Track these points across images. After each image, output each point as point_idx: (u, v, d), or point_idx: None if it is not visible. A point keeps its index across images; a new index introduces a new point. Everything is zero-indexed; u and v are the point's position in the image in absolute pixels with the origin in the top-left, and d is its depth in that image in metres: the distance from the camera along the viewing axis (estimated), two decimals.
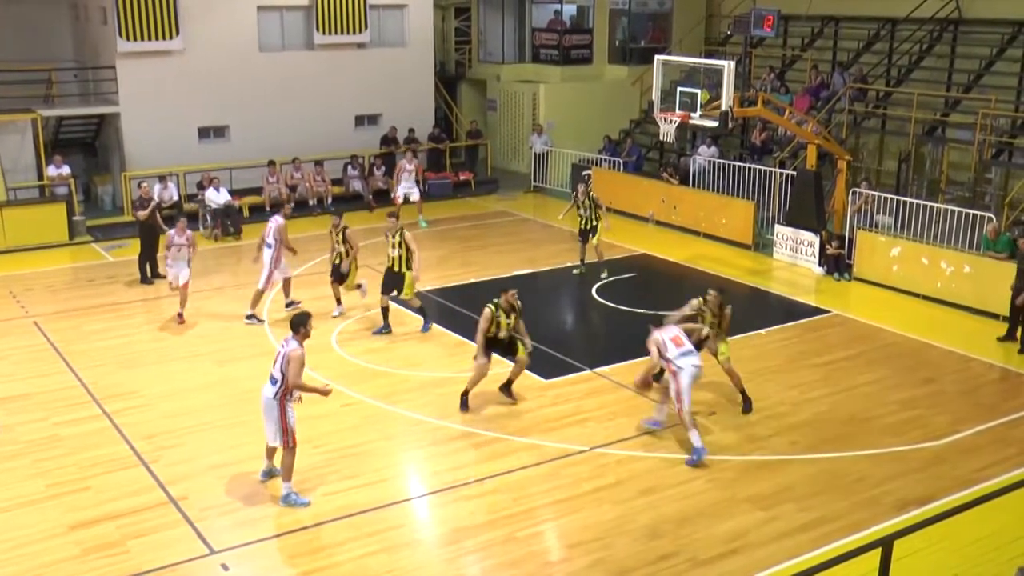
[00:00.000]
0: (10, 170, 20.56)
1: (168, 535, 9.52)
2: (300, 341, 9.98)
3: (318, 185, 23.18)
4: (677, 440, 11.50)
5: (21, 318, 15.80)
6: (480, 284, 17.46)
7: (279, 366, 9.86)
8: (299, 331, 10.01)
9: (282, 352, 9.92)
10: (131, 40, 21.78)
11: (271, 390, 9.91)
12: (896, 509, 9.95)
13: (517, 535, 9.57)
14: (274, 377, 9.91)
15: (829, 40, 25.19)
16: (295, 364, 9.76)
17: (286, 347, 9.92)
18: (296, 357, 9.79)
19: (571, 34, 27.57)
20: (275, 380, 9.89)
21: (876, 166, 21.77)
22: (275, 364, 9.95)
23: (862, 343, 14.77)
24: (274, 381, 9.90)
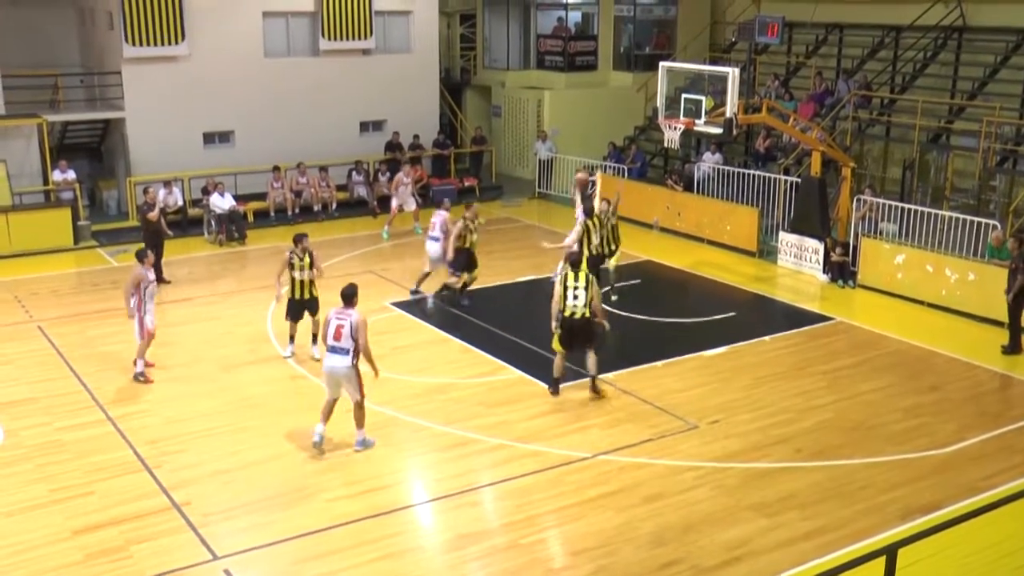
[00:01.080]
0: (16, 175, 20.60)
1: (171, 540, 9.52)
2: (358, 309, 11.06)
3: (323, 191, 23.21)
4: (681, 448, 11.48)
5: (26, 323, 15.82)
6: (485, 290, 17.44)
7: (348, 334, 10.78)
8: (354, 301, 11.11)
9: (348, 321, 10.84)
10: (137, 45, 21.84)
11: (344, 360, 10.87)
12: (901, 517, 9.92)
13: (520, 542, 9.55)
14: (343, 348, 10.84)
15: (833, 47, 25.20)
16: (365, 328, 10.93)
17: (351, 316, 10.88)
18: (364, 322, 10.96)
19: (576, 41, 27.61)
20: (345, 351, 10.84)
21: (880, 173, 21.76)
22: (339, 336, 10.84)
23: (867, 350, 14.74)
24: (344, 352, 10.84)
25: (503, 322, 15.70)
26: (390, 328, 15.55)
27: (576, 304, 12.26)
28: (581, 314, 12.28)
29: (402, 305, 16.56)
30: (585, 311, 12.26)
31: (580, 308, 12.26)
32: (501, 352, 14.40)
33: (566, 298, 12.20)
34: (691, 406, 12.59)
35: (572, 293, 12.24)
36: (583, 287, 12.22)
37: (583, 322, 12.33)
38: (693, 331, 15.73)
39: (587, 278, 12.27)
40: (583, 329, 12.39)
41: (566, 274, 12.36)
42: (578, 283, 12.28)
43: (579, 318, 12.30)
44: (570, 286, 12.27)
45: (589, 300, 12.24)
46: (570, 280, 12.31)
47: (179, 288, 17.88)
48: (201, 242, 21.01)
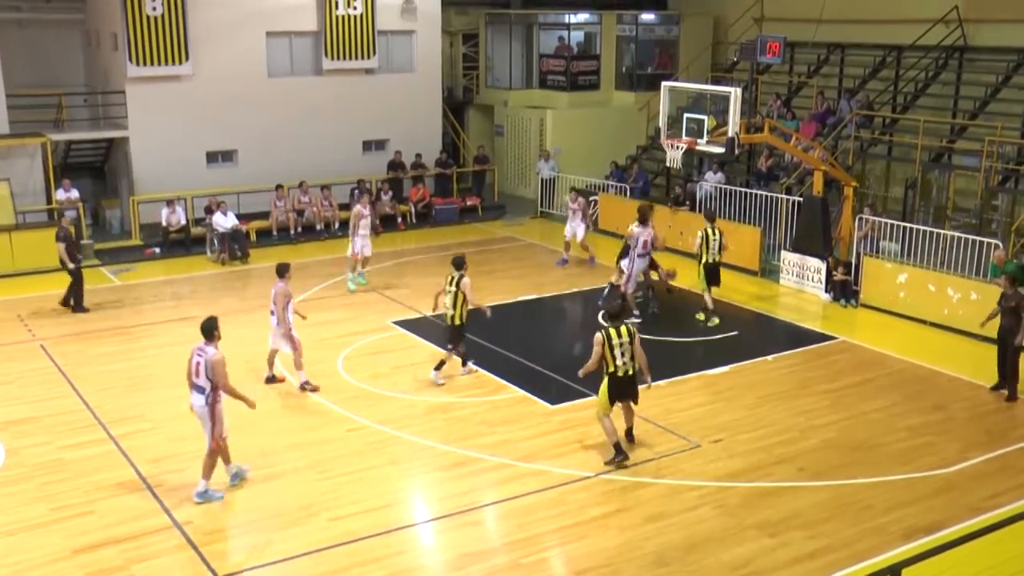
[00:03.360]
0: (19, 194, 20.67)
1: (172, 559, 9.48)
2: (216, 345, 10.55)
3: (325, 210, 23.25)
4: (684, 467, 11.45)
5: (28, 341, 15.83)
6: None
7: (204, 372, 10.33)
8: (213, 335, 10.55)
9: (203, 358, 10.38)
10: (141, 65, 21.98)
11: (199, 399, 10.44)
12: (905, 537, 9.87)
13: (522, 561, 9.50)
14: (200, 386, 10.42)
15: (835, 67, 25.29)
16: (222, 367, 10.39)
17: (206, 354, 10.41)
18: (222, 360, 10.40)
19: (578, 60, 27.73)
20: (202, 389, 10.41)
21: (882, 192, 21.79)
22: (198, 373, 10.40)
23: (870, 369, 14.71)
24: (200, 390, 10.42)
25: (505, 341, 15.68)
26: (392, 347, 15.55)
27: (625, 360, 11.32)
28: (630, 371, 11.39)
29: (404, 324, 16.57)
30: (633, 366, 11.39)
31: (629, 363, 11.35)
32: (503, 371, 14.38)
33: (614, 357, 11.24)
34: (694, 425, 12.56)
35: (619, 351, 11.27)
36: (628, 341, 11.32)
37: (631, 379, 11.48)
38: (696, 350, 15.71)
39: (630, 332, 11.35)
40: (631, 385, 11.55)
41: (608, 331, 11.29)
42: (622, 338, 11.31)
43: (630, 375, 11.41)
44: (615, 343, 11.25)
45: (635, 354, 11.39)
46: (614, 337, 11.28)
47: (181, 307, 17.88)
48: (204, 261, 21.03)
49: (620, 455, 11.30)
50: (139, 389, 13.83)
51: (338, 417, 12.84)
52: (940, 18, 22.58)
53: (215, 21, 22.90)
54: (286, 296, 13.42)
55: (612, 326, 11.32)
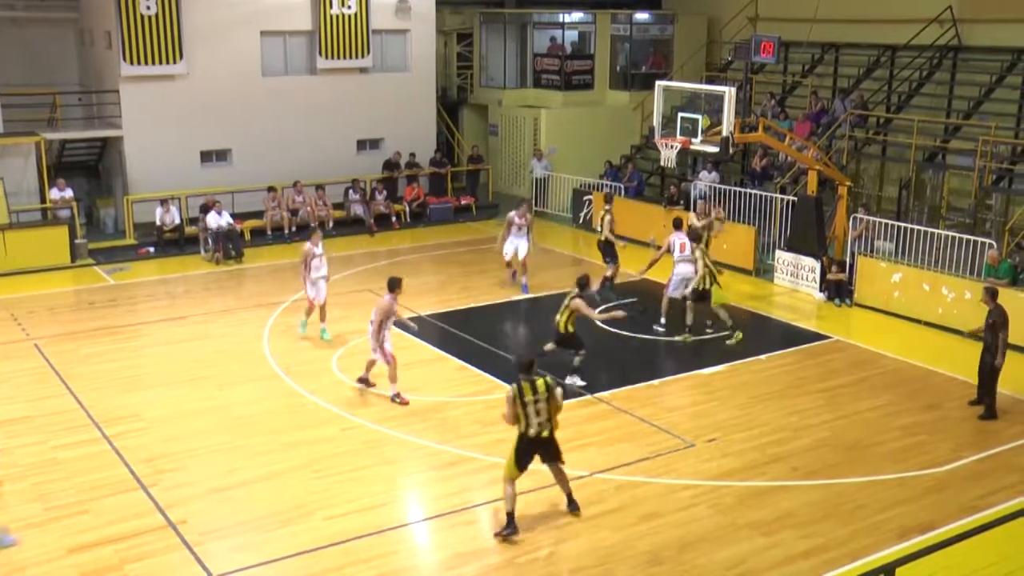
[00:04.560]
0: (13, 193, 20.62)
1: (167, 559, 9.47)
2: None
3: (319, 209, 23.22)
4: (678, 466, 11.47)
5: (22, 341, 15.79)
6: (480, 309, 17.46)
7: None
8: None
9: None
10: (135, 64, 21.94)
11: None
12: (898, 536, 9.89)
13: (517, 560, 9.51)
14: None
15: (829, 67, 25.34)
16: None
17: None
18: None
19: (572, 60, 27.73)
20: None
21: (877, 192, 21.83)
22: None
23: (864, 369, 14.74)
24: None
25: (499, 340, 15.69)
26: None
27: (540, 421, 9.77)
28: (545, 432, 9.85)
29: (398, 324, 16.52)
30: (549, 426, 9.86)
31: (545, 424, 9.82)
32: (497, 370, 14.38)
33: (526, 416, 9.71)
34: (688, 425, 12.58)
35: (532, 409, 9.71)
36: (543, 398, 9.73)
37: (547, 440, 9.92)
38: (690, 350, 15.72)
39: (547, 387, 9.75)
40: (547, 447, 9.98)
41: (521, 385, 9.70)
42: (537, 394, 9.71)
43: (545, 436, 9.88)
44: (528, 400, 9.69)
45: (552, 414, 9.83)
46: (526, 392, 9.69)
47: (175, 306, 17.86)
48: (198, 260, 21.01)
49: (510, 528, 9.77)
50: (133, 388, 13.80)
51: (332, 416, 12.84)
52: (934, 18, 22.62)
53: (209, 20, 22.86)
54: (389, 312, 13.06)
55: (525, 380, 9.75)
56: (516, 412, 9.75)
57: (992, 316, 12.70)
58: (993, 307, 12.72)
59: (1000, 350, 12.64)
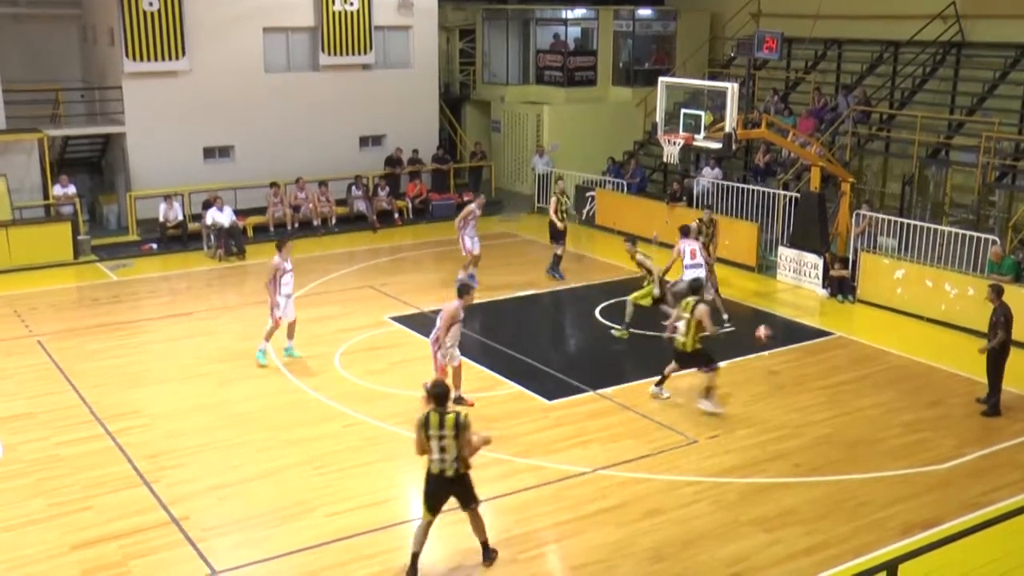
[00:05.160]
0: (16, 189, 20.65)
1: (170, 555, 9.49)
2: None
3: (322, 205, 23.24)
4: (681, 463, 11.46)
5: (25, 337, 15.81)
6: (482, 306, 17.44)
7: None
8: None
9: None
10: (138, 60, 21.94)
11: None
12: (901, 533, 9.89)
13: (519, 557, 9.51)
14: None
15: (832, 63, 25.29)
16: None
17: None
18: None
19: (575, 56, 27.71)
20: None
21: (880, 188, 21.79)
22: None
23: (866, 365, 14.73)
24: None
25: (501, 337, 15.70)
26: (388, 343, 15.55)
27: (445, 458, 8.83)
28: (449, 471, 8.87)
29: (401, 320, 16.57)
30: (456, 466, 8.87)
31: (450, 462, 8.83)
32: (499, 367, 14.39)
33: (431, 449, 8.86)
34: (690, 421, 12.57)
35: (435, 443, 8.81)
36: (450, 434, 8.76)
37: (453, 480, 8.94)
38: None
39: (457, 423, 8.75)
40: (453, 487, 9.01)
41: (428, 416, 8.85)
42: (443, 429, 8.76)
43: (449, 476, 8.90)
44: (433, 433, 8.79)
45: (461, 450, 8.82)
46: (432, 425, 8.79)
47: (178, 302, 17.88)
48: (200, 256, 21.02)
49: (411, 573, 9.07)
50: (136, 385, 13.82)
51: (335, 413, 12.85)
52: (937, 14, 22.57)
53: (212, 16, 22.86)
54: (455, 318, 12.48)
55: (435, 411, 8.84)
56: (422, 442, 8.90)
57: (997, 314, 12.63)
58: (998, 305, 12.66)
59: (999, 342, 12.61)
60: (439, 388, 9.04)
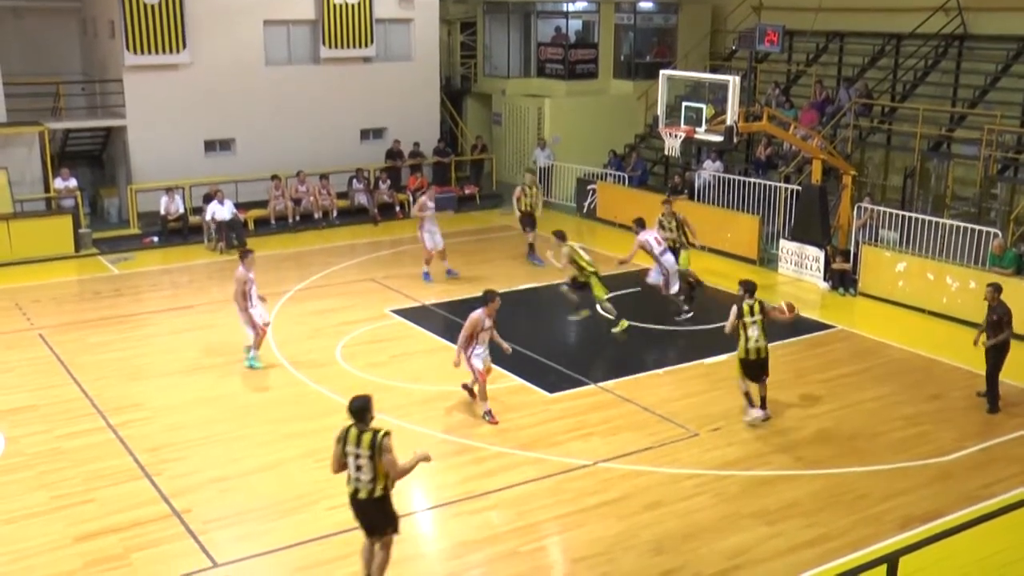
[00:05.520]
0: (17, 182, 20.64)
1: (171, 548, 9.51)
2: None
3: (323, 199, 23.23)
4: (682, 456, 11.48)
5: (27, 330, 15.83)
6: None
7: None
8: None
9: None
10: (138, 54, 21.91)
11: None
12: (901, 526, 9.90)
13: (520, 550, 9.53)
14: None
15: (834, 55, 25.23)
16: None
17: None
18: None
19: (576, 49, 27.66)
20: None
21: (881, 181, 21.78)
22: None
23: (867, 358, 14.73)
24: None
25: (503, 330, 15.64)
26: (390, 336, 15.56)
27: (360, 478, 8.11)
28: (363, 493, 8.15)
29: (402, 313, 16.58)
30: (371, 488, 8.11)
31: (364, 483, 8.10)
32: (502, 360, 14.35)
33: (348, 467, 8.18)
34: (691, 414, 12.58)
35: (353, 461, 8.11)
36: (366, 454, 8.05)
37: (367, 502, 8.19)
38: (693, 339, 15.72)
39: (373, 442, 8.01)
40: (371, 514, 8.29)
41: (348, 431, 8.18)
42: (360, 447, 8.05)
43: (362, 499, 8.18)
44: (350, 451, 8.11)
45: (378, 473, 8.06)
46: (350, 441, 8.12)
47: (179, 296, 17.89)
48: (201, 250, 21.02)
49: None
50: (137, 378, 13.84)
51: (336, 406, 12.81)
52: (939, 6, 22.52)
53: (212, 9, 22.82)
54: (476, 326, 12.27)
55: (355, 426, 8.16)
56: (339, 458, 8.23)
57: (998, 312, 12.50)
58: (998, 304, 12.53)
59: (1002, 340, 12.52)
60: (358, 402, 8.20)
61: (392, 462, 8.08)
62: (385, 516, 8.33)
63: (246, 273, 13.85)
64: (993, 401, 12.76)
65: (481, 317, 12.20)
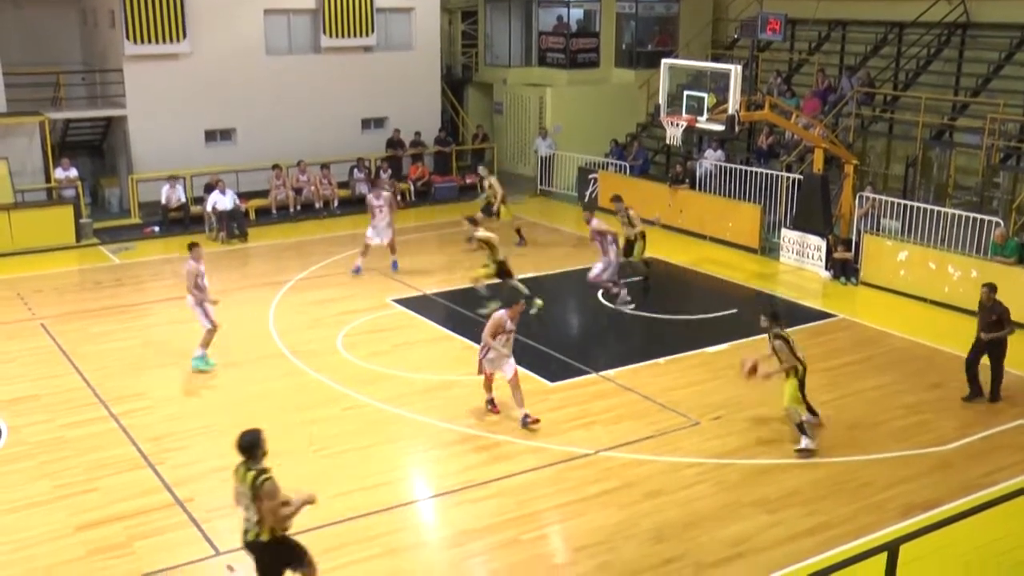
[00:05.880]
0: (18, 172, 20.63)
1: (174, 536, 9.54)
2: None
3: (324, 188, 23.21)
4: (683, 444, 11.49)
5: (28, 320, 15.84)
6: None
7: None
8: None
9: None
10: (138, 43, 21.87)
11: None
12: (902, 514, 9.92)
13: (522, 538, 9.55)
14: None
15: (836, 44, 25.14)
16: None
17: None
18: None
19: (578, 38, 27.59)
20: None
21: (883, 170, 21.73)
22: None
23: (869, 347, 14.73)
24: None
25: None
26: (392, 325, 15.57)
27: (248, 518, 7.47)
28: (250, 535, 7.49)
29: (404, 302, 16.58)
30: (257, 531, 7.45)
31: (251, 524, 7.47)
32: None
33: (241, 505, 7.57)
34: (693, 402, 12.59)
35: (240, 498, 7.56)
36: (248, 495, 7.42)
37: (258, 548, 7.52)
38: (695, 328, 15.73)
39: (254, 483, 7.35)
40: (261, 557, 7.57)
41: (238, 468, 7.62)
42: (244, 484, 7.47)
43: (249, 540, 7.52)
44: (239, 488, 7.56)
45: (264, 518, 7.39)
46: (236, 478, 7.56)
47: (180, 285, 17.82)
48: (202, 239, 20.97)
49: None
50: (139, 368, 13.85)
51: (338, 395, 12.88)
52: None
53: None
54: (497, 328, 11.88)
55: (242, 464, 7.58)
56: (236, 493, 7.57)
57: (995, 311, 12.38)
58: (995, 303, 12.40)
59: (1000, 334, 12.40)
60: (247, 437, 7.59)
61: (271, 510, 7.27)
62: (274, 561, 7.55)
63: (197, 266, 13.51)
64: (995, 391, 12.72)
65: (504, 318, 11.87)
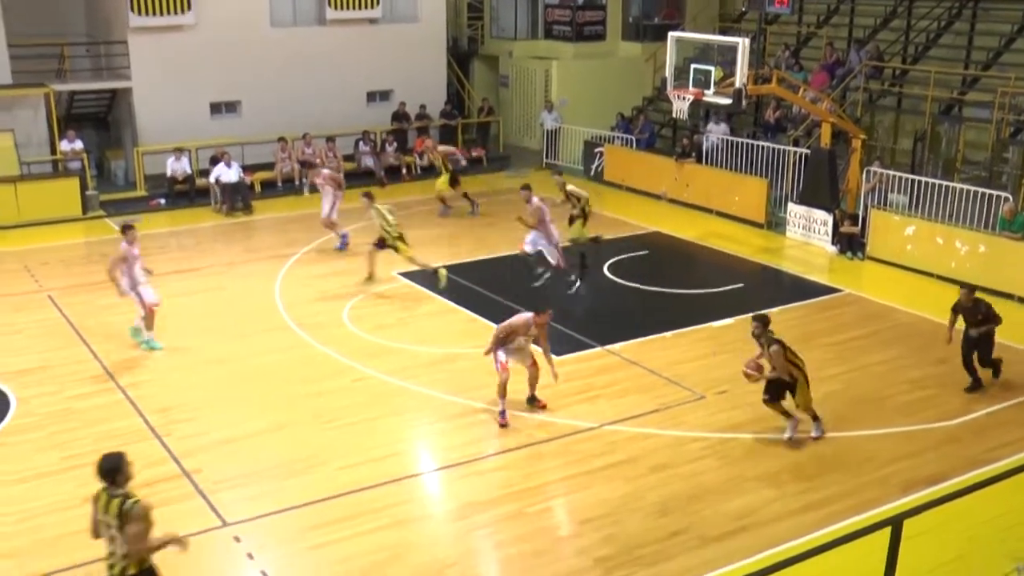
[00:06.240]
0: (23, 144, 20.60)
1: (181, 507, 9.59)
2: None
3: (330, 161, 23.14)
4: (688, 418, 11.51)
5: (35, 292, 15.88)
6: (492, 261, 17.46)
7: None
8: None
9: None
10: (143, 15, 21.76)
11: None
12: (905, 489, 9.94)
13: (527, 511, 9.60)
14: None
15: (845, 17, 24.93)
16: None
17: None
18: None
19: (584, 10, 27.39)
20: None
21: (891, 145, 21.60)
22: None
23: (875, 322, 14.72)
24: None
25: (509, 293, 15.69)
26: (397, 298, 15.58)
27: (113, 551, 6.90)
28: (118, 570, 6.85)
29: (409, 276, 16.57)
30: (123, 565, 6.83)
31: (117, 558, 6.85)
32: None
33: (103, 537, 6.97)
34: (698, 377, 12.61)
35: (107, 532, 6.92)
36: (115, 524, 6.79)
37: None
38: (701, 302, 15.72)
39: (120, 512, 6.76)
40: None
41: (97, 495, 7.02)
42: (108, 514, 6.84)
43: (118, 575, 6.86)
44: (101, 518, 6.93)
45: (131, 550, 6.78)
46: (99, 507, 6.95)
47: (187, 258, 17.90)
48: (208, 212, 21.01)
49: None
50: None
51: (343, 368, 12.91)
52: None
53: None
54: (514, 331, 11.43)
55: (106, 490, 6.95)
56: (95, 523, 6.98)
57: (980, 311, 12.22)
58: (974, 304, 12.24)
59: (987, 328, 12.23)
60: (108, 461, 6.98)
61: (137, 536, 6.68)
62: None
63: (129, 248, 13.15)
64: (996, 369, 12.65)
65: (528, 323, 11.33)
